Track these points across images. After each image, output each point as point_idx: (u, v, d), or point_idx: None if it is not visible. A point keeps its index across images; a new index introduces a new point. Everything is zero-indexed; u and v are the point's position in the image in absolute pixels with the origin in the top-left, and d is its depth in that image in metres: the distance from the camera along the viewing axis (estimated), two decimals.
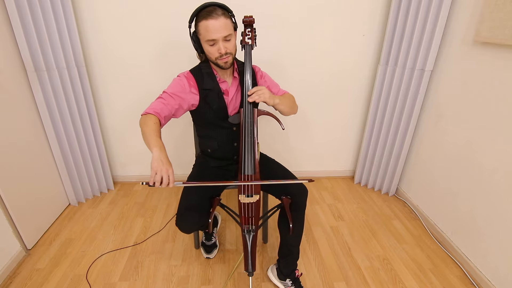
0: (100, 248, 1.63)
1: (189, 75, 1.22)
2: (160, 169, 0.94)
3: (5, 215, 1.43)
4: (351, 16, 1.84)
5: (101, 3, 1.71)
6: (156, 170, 0.94)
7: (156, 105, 1.14)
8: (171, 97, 1.16)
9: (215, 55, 1.13)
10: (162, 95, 1.18)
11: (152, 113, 1.11)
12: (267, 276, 1.46)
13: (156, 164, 0.94)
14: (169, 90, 1.18)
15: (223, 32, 1.08)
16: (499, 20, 1.27)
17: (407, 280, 1.46)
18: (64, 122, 1.75)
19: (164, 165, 0.95)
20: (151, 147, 0.99)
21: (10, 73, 1.49)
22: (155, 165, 0.94)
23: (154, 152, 0.97)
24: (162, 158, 0.97)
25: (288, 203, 1.25)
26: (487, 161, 1.40)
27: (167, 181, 0.95)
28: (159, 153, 0.97)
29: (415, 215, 1.94)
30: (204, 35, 1.09)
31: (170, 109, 1.16)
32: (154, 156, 0.96)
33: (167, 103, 1.15)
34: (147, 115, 1.10)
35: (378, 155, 2.08)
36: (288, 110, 1.30)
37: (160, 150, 0.98)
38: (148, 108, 1.13)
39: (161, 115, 1.12)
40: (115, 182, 2.27)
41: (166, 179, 0.95)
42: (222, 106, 1.24)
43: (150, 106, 1.14)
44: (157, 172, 0.94)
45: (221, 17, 1.07)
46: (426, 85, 1.75)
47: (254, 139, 1.19)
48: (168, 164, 0.97)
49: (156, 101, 1.16)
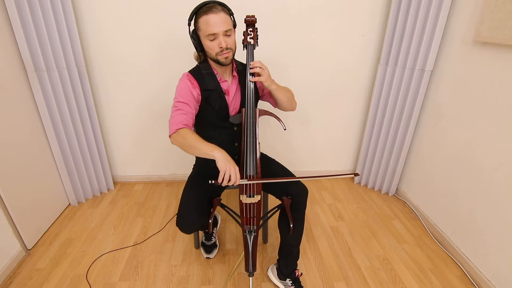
0: (100, 248, 1.63)
1: (190, 76, 1.21)
2: (229, 168, 1.02)
3: (5, 215, 1.43)
4: (351, 16, 1.84)
5: (101, 3, 1.71)
6: (225, 169, 1.01)
7: (179, 118, 1.13)
8: (186, 104, 1.16)
9: (216, 50, 1.12)
10: (178, 105, 1.16)
11: (182, 126, 1.11)
12: (267, 276, 1.46)
13: (223, 164, 1.02)
14: (181, 98, 1.16)
15: (224, 26, 1.09)
16: (499, 20, 1.27)
17: (407, 280, 1.46)
18: (64, 122, 1.75)
19: (231, 164, 1.03)
20: (209, 152, 1.04)
21: (10, 73, 1.49)
22: (223, 165, 1.02)
23: (217, 154, 1.03)
24: (227, 157, 1.04)
25: (288, 203, 1.25)
26: (487, 161, 1.40)
27: (234, 179, 1.02)
28: (222, 154, 1.03)
29: (415, 215, 1.94)
30: (205, 30, 1.09)
31: (192, 117, 1.17)
32: (219, 157, 1.02)
33: (186, 112, 1.15)
34: (179, 130, 1.10)
35: (378, 155, 2.08)
36: (286, 100, 1.29)
37: (221, 151, 1.04)
38: (175, 124, 1.12)
39: (189, 125, 1.14)
40: (115, 182, 2.27)
41: (234, 177, 1.02)
42: (223, 106, 1.24)
43: (173, 122, 1.13)
44: (226, 171, 1.01)
45: (221, 12, 1.08)
46: (426, 85, 1.76)
47: (255, 139, 1.19)
48: (234, 163, 1.04)
49: (175, 114, 1.14)
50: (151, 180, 2.30)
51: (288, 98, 1.30)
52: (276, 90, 1.22)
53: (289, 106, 1.34)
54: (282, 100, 1.28)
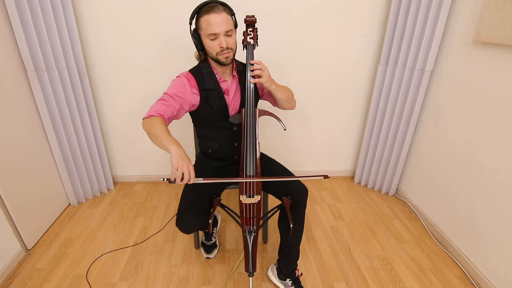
0: (100, 248, 1.63)
1: (189, 75, 1.21)
2: (181, 165, 0.95)
3: (5, 215, 1.43)
4: (351, 16, 1.84)
5: (101, 3, 1.71)
6: (177, 166, 0.95)
7: (158, 106, 1.12)
8: (172, 98, 1.15)
9: (216, 49, 1.12)
10: (163, 96, 1.16)
11: (156, 114, 1.09)
12: (267, 276, 1.46)
13: (176, 160, 0.95)
14: (170, 91, 1.16)
15: (225, 27, 1.09)
16: (499, 20, 1.27)
17: (407, 280, 1.46)
18: (64, 122, 1.75)
19: (184, 162, 0.96)
20: (166, 146, 0.98)
21: (10, 73, 1.49)
22: (175, 162, 0.95)
23: (172, 150, 0.97)
24: (181, 154, 0.97)
25: (288, 203, 1.25)
26: (487, 161, 1.40)
27: (188, 177, 0.96)
28: (177, 150, 0.97)
29: (415, 215, 1.94)
30: (206, 29, 1.09)
31: (172, 110, 1.14)
32: (173, 153, 0.96)
33: (168, 104, 1.13)
34: (150, 117, 1.08)
35: (378, 155, 2.08)
36: (285, 99, 1.29)
37: (177, 147, 0.98)
38: (150, 111, 1.11)
39: (164, 117, 1.11)
40: (115, 182, 2.27)
41: (187, 175, 0.96)
42: (223, 105, 1.24)
43: (151, 108, 1.12)
44: (178, 169, 0.95)
45: (223, 12, 1.08)
46: (426, 85, 1.76)
47: (255, 139, 1.19)
48: (188, 160, 0.98)
49: (157, 103, 1.14)
50: (151, 180, 2.30)
51: (288, 98, 1.30)
52: (276, 90, 1.22)
53: (288, 105, 1.34)
54: (282, 99, 1.28)
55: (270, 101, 1.39)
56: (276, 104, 1.35)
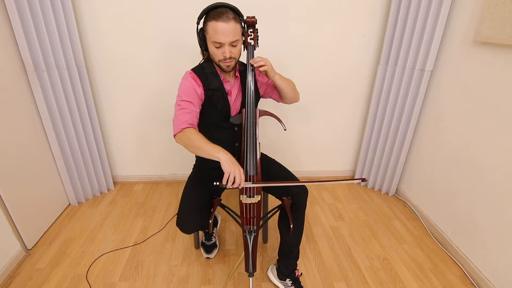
0: (100, 248, 1.63)
1: (193, 75, 1.19)
2: (234, 170, 1.01)
3: (5, 215, 1.43)
4: (351, 16, 1.84)
5: (101, 3, 1.70)
6: (230, 171, 1.00)
7: (184, 116, 1.12)
8: (190, 103, 1.14)
9: (219, 57, 1.12)
10: (182, 104, 1.14)
11: (187, 126, 1.10)
12: (267, 276, 1.46)
13: (228, 166, 1.01)
14: (185, 97, 1.15)
15: (231, 37, 1.07)
16: (499, 20, 1.27)
17: (407, 280, 1.46)
18: (64, 122, 1.75)
19: (236, 167, 1.02)
20: (214, 154, 1.03)
21: (10, 73, 1.49)
22: (227, 167, 1.00)
23: (222, 156, 1.02)
24: (232, 160, 1.02)
25: (288, 203, 1.25)
26: (487, 161, 1.40)
27: (239, 181, 1.02)
28: (226, 156, 1.02)
29: (415, 215, 1.94)
30: (212, 36, 1.08)
31: (196, 115, 1.16)
32: (224, 159, 1.01)
33: (191, 110, 1.14)
34: (184, 130, 1.09)
35: (378, 155, 2.08)
36: (289, 90, 1.30)
37: (225, 153, 1.03)
38: (180, 123, 1.10)
39: (195, 125, 1.13)
40: (115, 182, 2.27)
41: (238, 179, 1.01)
42: (226, 106, 1.23)
43: (178, 121, 1.11)
44: (231, 173, 1.00)
45: (231, 21, 1.06)
46: (426, 85, 1.76)
47: (256, 140, 1.19)
48: (239, 166, 1.03)
49: (180, 113, 1.13)
50: (151, 180, 2.30)
51: (292, 88, 1.32)
52: (280, 80, 1.24)
53: (293, 96, 1.35)
54: (286, 90, 1.29)
55: (274, 97, 1.39)
56: (281, 97, 1.36)
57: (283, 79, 1.26)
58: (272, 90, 1.36)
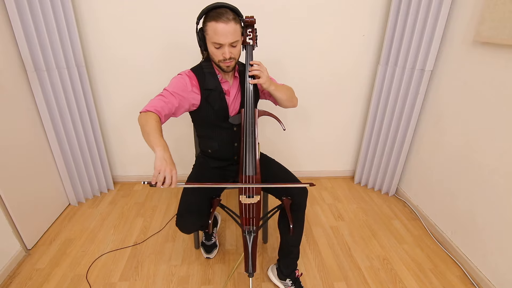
0: (100, 248, 1.63)
1: (190, 74, 1.20)
2: (164, 168, 0.92)
3: (5, 215, 1.43)
4: (351, 16, 1.84)
5: (101, 3, 1.70)
6: (160, 169, 0.92)
7: (157, 102, 1.10)
8: (172, 95, 1.14)
9: (219, 57, 1.12)
10: (163, 92, 1.15)
11: (153, 110, 1.07)
12: (267, 276, 1.46)
13: (159, 163, 0.92)
14: (170, 88, 1.15)
15: (231, 38, 1.07)
16: (499, 20, 1.27)
17: (407, 280, 1.46)
18: (64, 122, 1.75)
19: (168, 165, 0.93)
20: (154, 146, 0.96)
21: (10, 73, 1.49)
22: (158, 165, 0.92)
23: (158, 152, 0.94)
24: (166, 157, 0.94)
25: (288, 203, 1.25)
26: (487, 161, 1.40)
27: (169, 181, 0.93)
28: (162, 152, 0.94)
29: (415, 215, 1.94)
30: (212, 36, 1.08)
31: (171, 108, 1.13)
32: (158, 155, 0.93)
33: (168, 101, 1.12)
34: (147, 112, 1.07)
35: (378, 155, 2.08)
36: (286, 98, 1.28)
37: (163, 149, 0.95)
38: (148, 106, 1.09)
39: (161, 113, 1.09)
40: (115, 182, 2.27)
41: (169, 179, 0.93)
42: (223, 106, 1.23)
43: (149, 103, 1.10)
44: (160, 172, 0.92)
45: (231, 22, 1.05)
46: (426, 85, 1.76)
47: (255, 140, 1.19)
48: (172, 164, 0.95)
49: (156, 98, 1.13)
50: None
51: (288, 96, 1.30)
52: (275, 90, 1.22)
53: (290, 104, 1.34)
54: (282, 99, 1.27)
55: (271, 100, 1.38)
56: (278, 103, 1.35)
57: (279, 89, 1.24)
58: (269, 95, 1.36)
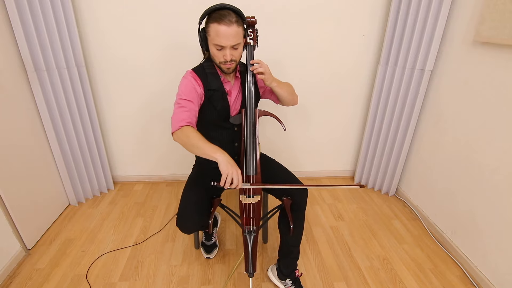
0: (100, 248, 1.63)
1: (194, 75, 1.19)
2: (231, 171, 1.01)
3: (5, 215, 1.43)
4: (351, 16, 1.84)
5: (101, 3, 1.70)
6: (227, 172, 1.01)
7: (183, 115, 1.11)
8: (190, 101, 1.14)
9: (220, 59, 1.12)
10: (181, 102, 1.14)
11: (185, 124, 1.10)
12: (267, 276, 1.46)
13: (226, 167, 1.01)
14: (184, 95, 1.15)
15: (233, 41, 1.07)
16: (499, 20, 1.27)
17: (407, 280, 1.46)
18: (64, 122, 1.75)
19: (234, 168, 1.02)
20: (211, 154, 1.03)
21: (10, 73, 1.49)
22: (225, 168, 1.01)
23: (219, 157, 1.02)
24: (229, 160, 1.03)
25: (288, 203, 1.25)
26: (487, 161, 1.40)
27: (237, 182, 1.02)
28: (224, 157, 1.02)
29: (415, 215, 1.94)
30: (213, 38, 1.08)
31: (195, 114, 1.16)
32: (221, 160, 1.01)
33: (189, 109, 1.13)
34: (182, 128, 1.09)
35: (378, 155, 2.08)
36: (287, 95, 1.30)
37: (223, 154, 1.03)
38: (178, 121, 1.10)
39: (193, 124, 1.13)
40: (115, 182, 2.27)
41: (236, 181, 1.02)
42: (225, 106, 1.23)
43: (176, 119, 1.11)
44: (228, 175, 1.01)
45: (234, 24, 1.05)
46: (426, 85, 1.76)
47: (255, 140, 1.19)
48: (236, 166, 1.03)
49: (178, 111, 1.13)
50: (151, 180, 2.30)
51: (290, 93, 1.31)
52: (277, 87, 1.23)
53: (291, 101, 1.35)
54: (284, 96, 1.29)
55: (272, 99, 1.39)
56: (279, 101, 1.36)
57: (281, 85, 1.25)
58: (271, 93, 1.36)
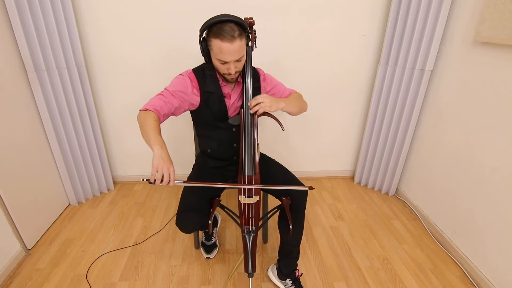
0: (100, 248, 1.63)
1: (191, 75, 1.20)
2: (161, 166, 0.93)
3: (5, 215, 1.43)
4: (351, 16, 1.84)
5: (101, 3, 1.70)
6: (157, 167, 0.93)
7: (156, 101, 1.11)
8: (173, 95, 1.15)
9: (224, 71, 1.12)
10: (163, 92, 1.16)
11: (152, 109, 1.09)
12: (267, 276, 1.46)
13: (157, 161, 0.94)
14: (171, 88, 1.16)
15: (237, 56, 1.06)
16: (499, 20, 1.27)
17: (407, 280, 1.46)
18: (64, 122, 1.75)
19: (165, 163, 0.94)
20: (152, 145, 0.97)
21: (10, 73, 1.49)
22: (156, 163, 0.94)
23: (155, 150, 0.96)
24: (163, 155, 0.96)
25: (288, 204, 1.25)
26: (487, 161, 1.40)
27: (167, 179, 0.94)
28: (160, 150, 0.96)
29: (415, 215, 1.94)
30: (216, 53, 1.06)
31: (170, 107, 1.14)
32: (155, 153, 0.95)
33: (167, 101, 1.13)
34: (146, 111, 1.08)
35: (378, 155, 2.08)
36: (297, 110, 1.29)
37: (161, 147, 0.97)
38: (148, 104, 1.10)
39: (160, 113, 1.10)
40: (115, 182, 2.27)
41: (166, 177, 0.94)
42: (222, 109, 1.23)
43: (149, 102, 1.12)
44: (158, 170, 0.93)
45: (236, 40, 1.02)
46: (426, 85, 1.75)
47: (254, 140, 1.19)
48: (169, 162, 0.96)
49: (156, 97, 1.14)
50: None
51: (299, 106, 1.31)
52: (286, 107, 1.20)
53: (300, 112, 1.34)
54: (294, 112, 1.28)
55: None
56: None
57: (289, 104, 1.22)
58: None
